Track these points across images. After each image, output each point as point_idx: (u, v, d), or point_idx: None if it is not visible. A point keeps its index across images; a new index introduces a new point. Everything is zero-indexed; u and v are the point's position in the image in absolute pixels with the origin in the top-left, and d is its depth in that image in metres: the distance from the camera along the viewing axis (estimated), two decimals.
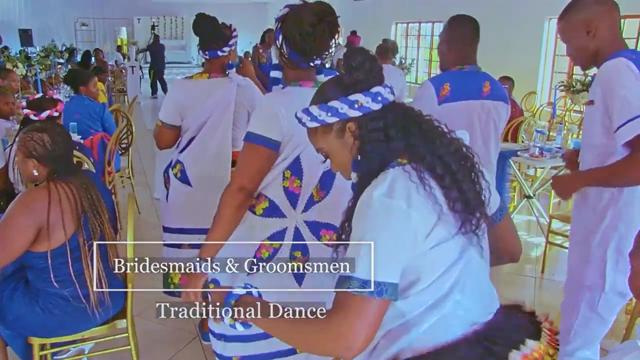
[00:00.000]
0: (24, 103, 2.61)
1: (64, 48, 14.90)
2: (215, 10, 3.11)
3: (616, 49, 2.09)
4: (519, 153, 5.01)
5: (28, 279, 2.35)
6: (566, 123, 6.58)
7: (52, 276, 2.24)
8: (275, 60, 2.11)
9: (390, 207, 1.16)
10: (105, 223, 2.34)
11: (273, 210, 1.97)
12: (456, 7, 2.74)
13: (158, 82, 14.29)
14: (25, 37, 19.42)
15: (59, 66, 11.41)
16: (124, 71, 13.35)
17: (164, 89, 14.08)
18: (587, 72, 4.10)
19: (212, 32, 2.81)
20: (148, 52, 14.96)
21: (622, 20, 2.21)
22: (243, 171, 1.93)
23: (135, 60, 14.32)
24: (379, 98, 1.28)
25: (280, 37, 1.95)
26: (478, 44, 2.69)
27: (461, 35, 2.66)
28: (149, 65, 14.79)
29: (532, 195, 5.25)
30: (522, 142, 5.65)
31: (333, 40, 1.95)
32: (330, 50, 1.97)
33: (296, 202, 1.97)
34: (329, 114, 1.30)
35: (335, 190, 1.96)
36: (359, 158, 1.30)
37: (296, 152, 1.92)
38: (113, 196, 3.86)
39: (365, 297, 1.14)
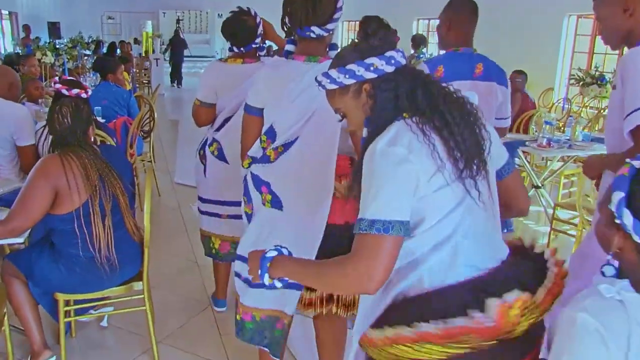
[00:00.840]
0: (54, 86, 2.85)
1: (90, 40, 15.25)
2: (241, 3, 3.25)
3: None
4: (527, 143, 5.12)
5: (53, 242, 2.57)
6: (576, 116, 6.64)
7: (71, 238, 2.47)
8: None
9: (393, 154, 1.30)
10: (119, 192, 2.55)
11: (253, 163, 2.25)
12: (478, 2, 2.86)
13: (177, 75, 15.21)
14: (54, 29, 19.96)
15: (85, 57, 11.74)
16: (148, 62, 13.67)
17: (179, 82, 15.20)
18: (597, 70, 4.18)
19: (243, 31, 2.96)
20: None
21: None
22: (243, 138, 2.25)
23: (161, 53, 14.63)
24: (392, 61, 1.40)
25: (284, 9, 2.13)
26: (475, 27, 2.81)
27: (460, 17, 2.80)
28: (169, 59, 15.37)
29: (540, 185, 5.35)
30: (533, 133, 5.75)
31: (333, 9, 2.07)
32: (331, 22, 2.09)
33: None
34: (347, 76, 1.43)
35: (285, 157, 2.12)
36: (371, 115, 1.44)
37: (270, 121, 2.14)
38: (135, 177, 4.05)
39: (376, 236, 1.26)
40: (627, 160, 1.15)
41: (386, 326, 1.34)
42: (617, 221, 1.11)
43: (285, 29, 2.18)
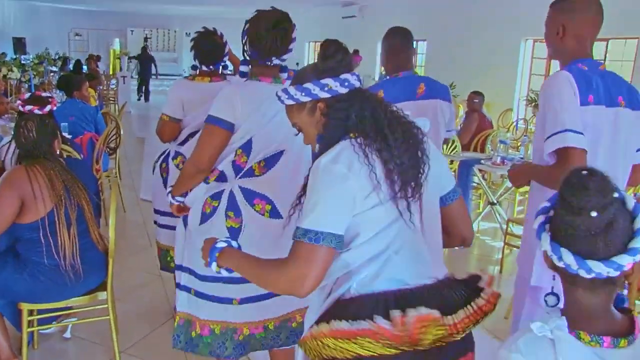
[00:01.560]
0: (18, 102, 2.96)
1: (57, 56, 15.18)
2: (208, 24, 3.37)
3: (578, 57, 2.18)
4: (482, 161, 5.34)
5: (18, 252, 2.64)
6: (530, 135, 6.93)
7: (36, 246, 2.56)
8: None
9: (333, 171, 1.41)
10: (84, 202, 2.66)
11: (220, 178, 2.31)
12: (439, 26, 3.07)
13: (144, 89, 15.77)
14: (19, 44, 19.78)
15: (52, 74, 11.70)
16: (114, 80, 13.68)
17: (147, 97, 15.90)
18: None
19: (215, 50, 3.09)
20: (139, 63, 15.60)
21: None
22: (202, 148, 2.26)
23: (127, 70, 14.68)
24: (346, 83, 1.51)
25: (245, 36, 2.29)
26: (412, 52, 3.00)
27: (393, 45, 3.00)
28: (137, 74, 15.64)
29: (495, 202, 5.57)
30: (489, 152, 5.98)
31: (288, 44, 2.27)
32: (287, 53, 2.28)
33: (239, 172, 2.30)
34: (303, 94, 1.55)
35: (277, 169, 2.28)
36: (322, 132, 1.55)
37: (248, 136, 2.25)
38: (100, 191, 4.12)
39: (308, 245, 1.37)
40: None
41: (322, 322, 1.46)
42: (558, 265, 1.19)
43: (247, 55, 2.31)
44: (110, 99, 13.46)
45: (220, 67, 3.14)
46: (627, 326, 1.21)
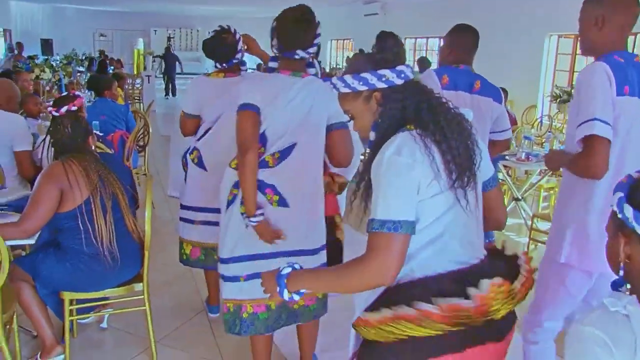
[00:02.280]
0: (50, 109, 3.14)
1: (84, 57, 15.48)
2: (230, 23, 3.45)
3: (614, 49, 2.21)
4: (507, 157, 5.35)
5: (59, 242, 2.77)
6: (554, 131, 6.91)
7: (75, 233, 2.69)
8: None
9: (399, 162, 1.48)
10: (118, 191, 2.79)
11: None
12: (459, 23, 3.14)
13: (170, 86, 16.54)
14: (47, 46, 20.23)
15: (79, 74, 11.93)
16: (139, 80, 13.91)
17: (174, 92, 16.63)
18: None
19: (222, 48, 3.18)
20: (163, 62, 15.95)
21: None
22: (240, 131, 2.37)
23: (152, 69, 14.92)
24: (402, 75, 1.59)
25: (273, 32, 2.43)
26: (476, 53, 3.07)
27: (462, 42, 3.08)
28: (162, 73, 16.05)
29: (520, 197, 5.58)
30: (513, 148, 5.99)
31: (313, 37, 2.42)
32: (312, 46, 2.42)
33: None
34: (361, 83, 1.61)
35: (288, 161, 2.41)
36: (379, 121, 1.63)
37: (262, 128, 2.38)
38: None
39: (388, 234, 1.44)
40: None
41: (383, 308, 1.52)
42: (619, 216, 1.20)
43: (274, 51, 2.46)
44: (135, 97, 13.68)
45: (234, 62, 3.21)
46: None
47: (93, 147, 2.90)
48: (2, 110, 3.61)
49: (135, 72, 17.97)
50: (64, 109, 2.88)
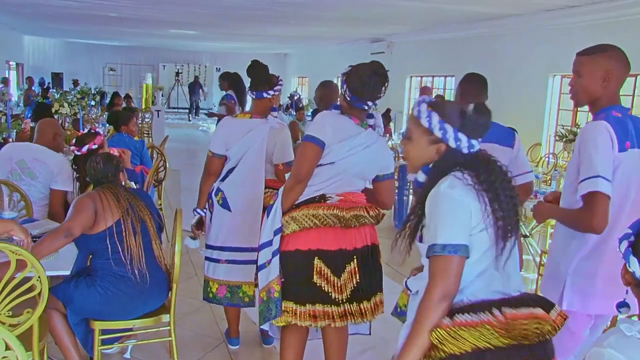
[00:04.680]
0: (72, 148, 3.41)
1: (95, 91, 15.75)
2: (238, 59, 3.66)
3: (612, 103, 2.32)
4: None
5: (89, 267, 2.92)
6: (560, 170, 7.03)
7: (105, 254, 2.82)
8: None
9: (453, 194, 1.69)
10: (147, 217, 2.95)
11: None
12: (467, 62, 3.32)
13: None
14: (57, 79, 20.61)
15: (89, 108, 12.14)
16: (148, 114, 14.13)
17: (197, 113, 21.24)
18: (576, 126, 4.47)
19: (262, 76, 3.33)
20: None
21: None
22: (299, 161, 2.65)
23: (162, 104, 15.16)
24: (472, 149, 1.80)
25: (345, 86, 2.67)
26: (486, 96, 3.19)
27: (469, 89, 3.23)
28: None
29: (528, 234, 5.67)
30: None
31: (383, 89, 2.66)
32: (379, 96, 2.67)
33: None
34: (439, 128, 1.79)
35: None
36: (431, 167, 1.82)
37: (334, 159, 2.62)
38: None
39: (450, 257, 1.64)
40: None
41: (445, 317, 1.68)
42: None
43: (347, 98, 2.67)
44: (145, 132, 13.86)
45: (264, 97, 3.34)
46: None
47: (123, 183, 3.04)
48: (48, 147, 3.77)
49: (143, 107, 18.26)
50: (85, 148, 3.04)
